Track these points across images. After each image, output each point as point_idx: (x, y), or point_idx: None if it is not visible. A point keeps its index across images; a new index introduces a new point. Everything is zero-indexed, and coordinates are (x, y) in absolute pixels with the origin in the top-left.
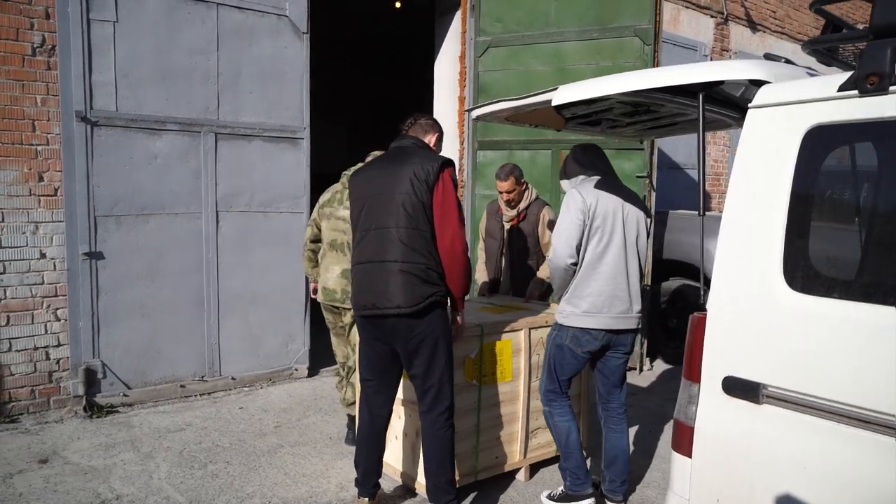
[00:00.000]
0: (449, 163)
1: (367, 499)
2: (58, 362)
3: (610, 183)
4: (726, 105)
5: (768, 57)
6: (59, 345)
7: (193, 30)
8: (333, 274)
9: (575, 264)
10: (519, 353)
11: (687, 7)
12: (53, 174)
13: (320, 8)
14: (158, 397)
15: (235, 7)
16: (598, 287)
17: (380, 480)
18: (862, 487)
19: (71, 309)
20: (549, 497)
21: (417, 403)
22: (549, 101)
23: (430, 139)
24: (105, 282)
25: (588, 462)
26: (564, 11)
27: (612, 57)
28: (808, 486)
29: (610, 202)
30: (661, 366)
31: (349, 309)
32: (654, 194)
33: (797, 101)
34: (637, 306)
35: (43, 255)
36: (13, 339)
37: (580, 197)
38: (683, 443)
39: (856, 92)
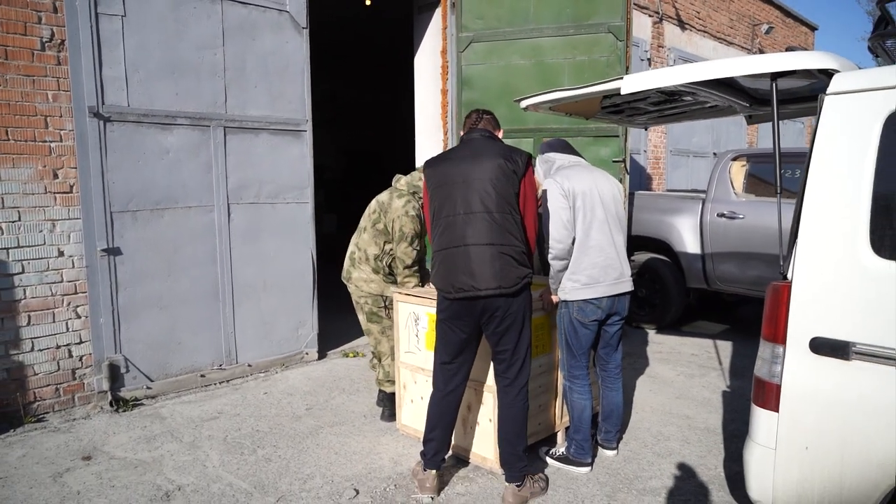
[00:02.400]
0: (531, 157)
1: (434, 471)
2: (80, 359)
3: (579, 166)
4: (741, 95)
5: (789, 48)
6: (80, 342)
7: (199, 24)
8: (347, 253)
9: (574, 241)
10: (554, 326)
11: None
12: (68, 171)
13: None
14: (180, 388)
15: (239, 2)
16: (591, 260)
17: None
18: None
19: (91, 305)
20: (549, 454)
21: (498, 378)
22: (616, 90)
23: (499, 133)
24: (123, 277)
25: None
26: (542, 9)
27: (587, 52)
28: None
29: (584, 183)
30: (633, 331)
31: (352, 290)
32: (627, 177)
33: (878, 87)
34: (628, 270)
35: (61, 253)
36: (35, 338)
37: (556, 184)
38: (769, 399)
39: None
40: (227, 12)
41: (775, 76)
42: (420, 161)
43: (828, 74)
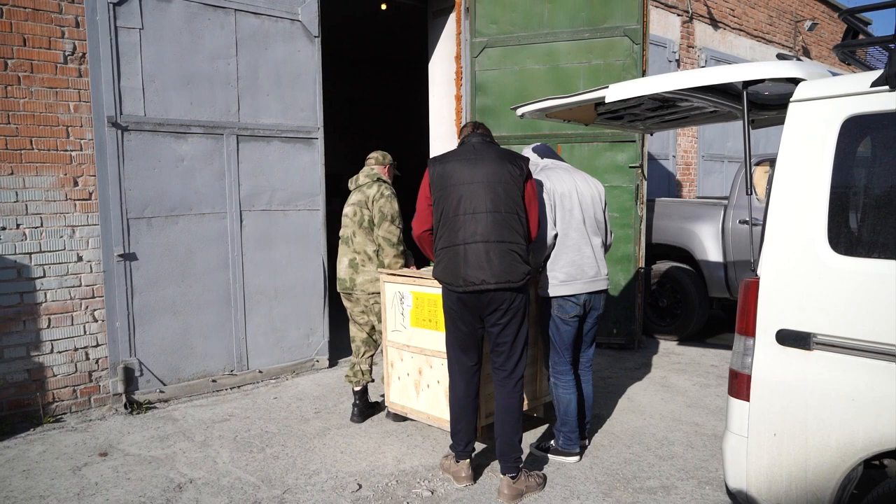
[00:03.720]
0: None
1: (467, 460)
2: (97, 362)
3: (560, 169)
4: (738, 100)
5: (781, 56)
6: (97, 345)
7: (213, 35)
8: (343, 265)
9: (556, 235)
10: (531, 303)
11: (656, 6)
12: (88, 179)
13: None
14: (192, 392)
15: (252, 13)
16: (569, 258)
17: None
18: None
19: (108, 309)
20: (538, 448)
21: (496, 371)
22: (601, 99)
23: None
24: (139, 282)
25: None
26: (557, 13)
27: (602, 56)
28: (857, 414)
29: (565, 185)
30: (654, 343)
31: (360, 296)
32: (645, 183)
33: (836, 95)
34: (604, 270)
35: (80, 258)
36: (54, 340)
37: (540, 182)
38: (741, 389)
39: (886, 87)
40: (241, 22)
41: (746, 84)
42: None
43: (797, 82)
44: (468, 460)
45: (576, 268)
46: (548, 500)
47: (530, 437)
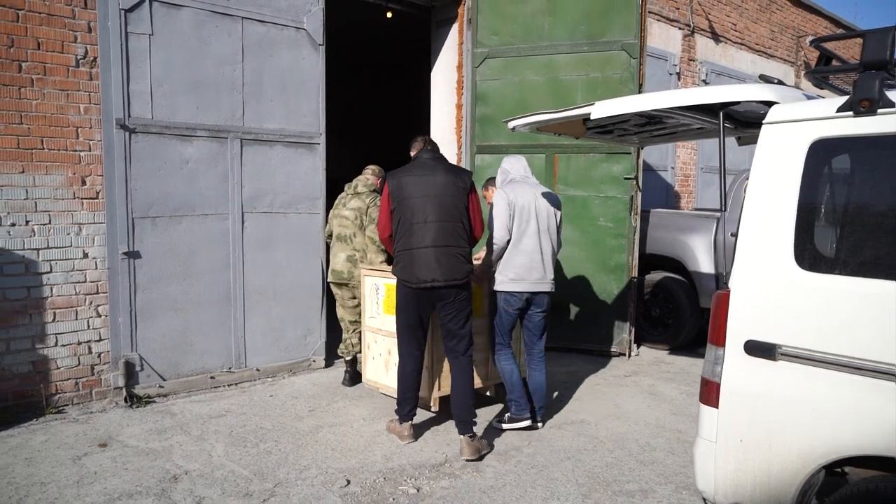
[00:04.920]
0: (471, 174)
1: (409, 422)
2: (99, 356)
3: (525, 184)
4: (725, 118)
5: (763, 78)
6: (100, 339)
7: (221, 42)
8: (340, 259)
9: (509, 241)
10: (486, 296)
11: (658, 20)
12: (95, 178)
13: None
14: (191, 388)
15: (258, 21)
16: (520, 261)
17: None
18: (861, 419)
19: (111, 305)
20: (498, 422)
21: (450, 353)
22: (587, 115)
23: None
24: (142, 279)
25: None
26: (557, 26)
27: (600, 69)
28: (817, 422)
29: (526, 198)
30: (646, 351)
31: (355, 284)
32: (640, 195)
33: (804, 118)
34: (550, 275)
35: (86, 255)
36: (59, 334)
37: (504, 194)
38: (711, 396)
39: (851, 113)
40: (247, 30)
41: (722, 106)
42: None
43: (771, 105)
44: (410, 422)
45: (524, 270)
46: (529, 500)
47: (490, 414)
